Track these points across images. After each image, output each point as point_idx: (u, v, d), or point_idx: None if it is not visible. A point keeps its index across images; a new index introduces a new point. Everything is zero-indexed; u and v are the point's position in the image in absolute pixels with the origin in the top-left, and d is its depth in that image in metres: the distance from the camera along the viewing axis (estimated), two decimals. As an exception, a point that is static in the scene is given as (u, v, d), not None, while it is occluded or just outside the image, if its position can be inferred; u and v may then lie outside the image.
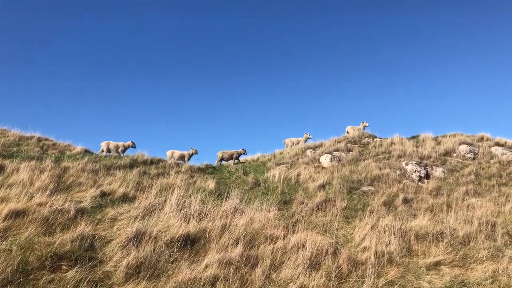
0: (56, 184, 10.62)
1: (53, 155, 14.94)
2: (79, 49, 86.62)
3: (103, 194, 10.41)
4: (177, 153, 18.57)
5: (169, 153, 18.58)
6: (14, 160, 12.43)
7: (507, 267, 7.95)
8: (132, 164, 15.30)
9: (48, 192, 9.11)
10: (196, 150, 18.93)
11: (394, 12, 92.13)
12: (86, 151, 16.79)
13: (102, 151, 17.72)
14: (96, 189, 10.75)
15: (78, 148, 16.80)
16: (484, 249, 9.27)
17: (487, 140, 18.29)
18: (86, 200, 9.61)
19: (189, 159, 18.67)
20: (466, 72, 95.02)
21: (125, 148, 18.43)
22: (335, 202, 12.34)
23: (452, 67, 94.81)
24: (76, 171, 12.69)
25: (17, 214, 7.19)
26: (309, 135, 20.47)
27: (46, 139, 17.52)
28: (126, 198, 10.48)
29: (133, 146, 18.57)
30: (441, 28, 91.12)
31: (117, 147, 18.16)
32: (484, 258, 8.90)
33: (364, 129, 20.38)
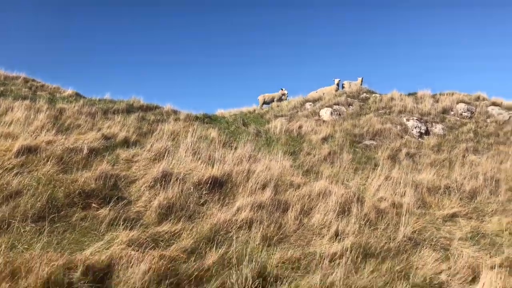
0: (55, 125, 10.02)
1: (45, 96, 14.10)
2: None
3: (105, 137, 9.89)
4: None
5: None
6: (6, 99, 11.63)
7: (519, 221, 8.10)
8: (129, 109, 14.62)
9: (54, 131, 8.54)
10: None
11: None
12: (77, 94, 15.91)
13: (262, 104, 19.26)
14: (97, 132, 10.17)
15: (69, 91, 15.90)
16: (492, 203, 9.46)
17: (483, 99, 18.37)
18: (89, 142, 9.10)
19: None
20: (460, 32, 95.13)
21: (280, 98, 19.74)
22: (339, 154, 12.24)
23: (447, 26, 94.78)
24: (72, 113, 12.00)
25: (29, 151, 6.67)
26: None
27: (33, 80, 16.49)
28: (128, 143, 10.01)
29: (284, 94, 19.73)
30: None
31: (273, 98, 19.58)
32: (493, 212, 9.08)
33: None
